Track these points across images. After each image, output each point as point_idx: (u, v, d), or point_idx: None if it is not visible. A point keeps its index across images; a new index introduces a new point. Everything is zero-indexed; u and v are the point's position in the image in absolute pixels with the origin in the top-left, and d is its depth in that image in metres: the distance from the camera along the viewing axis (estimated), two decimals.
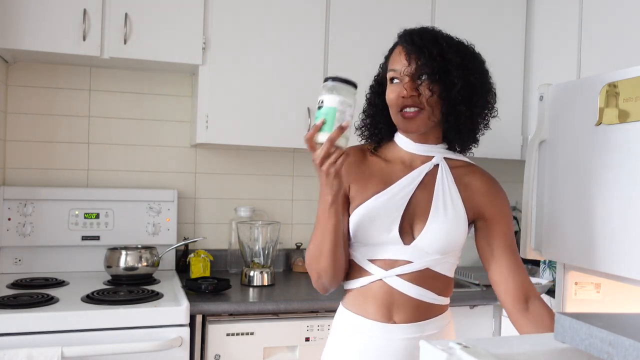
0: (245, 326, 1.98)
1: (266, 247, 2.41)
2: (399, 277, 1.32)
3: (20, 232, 2.31)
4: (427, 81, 1.29)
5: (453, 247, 1.35)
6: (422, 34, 1.34)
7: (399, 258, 1.32)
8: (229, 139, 2.36)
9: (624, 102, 1.52)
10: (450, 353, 0.67)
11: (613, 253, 1.55)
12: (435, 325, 1.37)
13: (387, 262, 1.33)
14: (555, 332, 0.69)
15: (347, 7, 2.47)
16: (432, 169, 1.38)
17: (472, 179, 1.41)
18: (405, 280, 1.32)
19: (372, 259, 1.35)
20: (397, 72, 1.33)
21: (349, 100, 1.19)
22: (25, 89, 2.45)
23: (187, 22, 2.29)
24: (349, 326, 1.38)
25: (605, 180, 1.58)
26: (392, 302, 1.33)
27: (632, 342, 0.58)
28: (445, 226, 1.32)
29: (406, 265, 1.32)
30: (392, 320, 1.33)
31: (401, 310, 1.33)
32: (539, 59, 2.65)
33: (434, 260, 1.33)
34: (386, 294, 1.33)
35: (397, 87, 1.32)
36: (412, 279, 1.33)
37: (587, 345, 0.63)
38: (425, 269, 1.33)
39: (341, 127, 1.16)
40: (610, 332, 0.60)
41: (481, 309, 2.28)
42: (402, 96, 1.30)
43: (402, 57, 1.33)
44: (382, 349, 1.33)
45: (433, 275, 1.34)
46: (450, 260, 1.37)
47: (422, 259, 1.32)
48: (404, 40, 1.35)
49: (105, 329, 1.80)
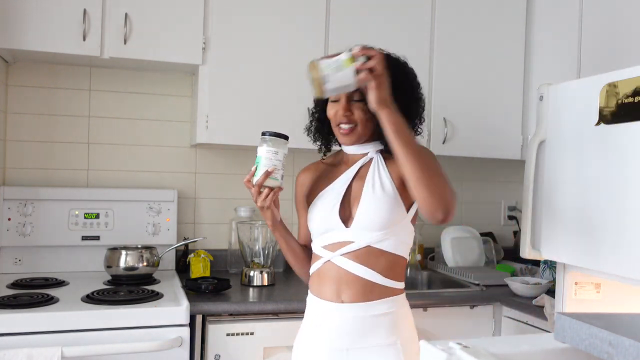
0: (245, 326, 1.98)
1: (266, 247, 2.41)
2: (343, 256, 1.49)
3: (20, 232, 2.31)
4: (359, 102, 1.47)
5: (388, 222, 1.47)
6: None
7: (342, 240, 1.49)
8: (229, 139, 2.36)
9: (624, 102, 1.52)
10: (450, 353, 0.67)
11: (613, 253, 1.55)
12: (384, 307, 1.48)
13: (334, 245, 1.51)
14: (555, 332, 0.69)
15: (347, 7, 2.47)
16: (368, 162, 1.56)
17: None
18: (349, 259, 1.49)
19: (323, 245, 1.53)
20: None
21: (275, 149, 1.49)
22: (25, 89, 2.45)
23: (187, 22, 2.29)
24: (309, 307, 1.59)
25: (605, 180, 1.58)
26: (340, 282, 1.49)
27: (632, 342, 0.58)
28: (375, 204, 1.47)
29: (349, 244, 1.49)
30: (341, 300, 1.49)
31: (348, 289, 1.48)
32: (539, 59, 2.65)
33: (374, 237, 1.47)
34: (336, 274, 1.50)
35: (334, 106, 1.52)
36: (356, 258, 1.48)
37: (587, 345, 0.63)
38: (368, 247, 1.48)
39: (267, 172, 1.47)
40: (610, 332, 0.60)
41: (481, 309, 2.28)
42: (338, 114, 1.50)
43: None
44: (334, 328, 1.49)
45: (377, 253, 1.48)
46: (391, 237, 1.49)
47: (362, 237, 1.48)
48: None
49: (105, 329, 1.80)
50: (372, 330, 1.47)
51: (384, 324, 1.48)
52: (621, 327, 0.63)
